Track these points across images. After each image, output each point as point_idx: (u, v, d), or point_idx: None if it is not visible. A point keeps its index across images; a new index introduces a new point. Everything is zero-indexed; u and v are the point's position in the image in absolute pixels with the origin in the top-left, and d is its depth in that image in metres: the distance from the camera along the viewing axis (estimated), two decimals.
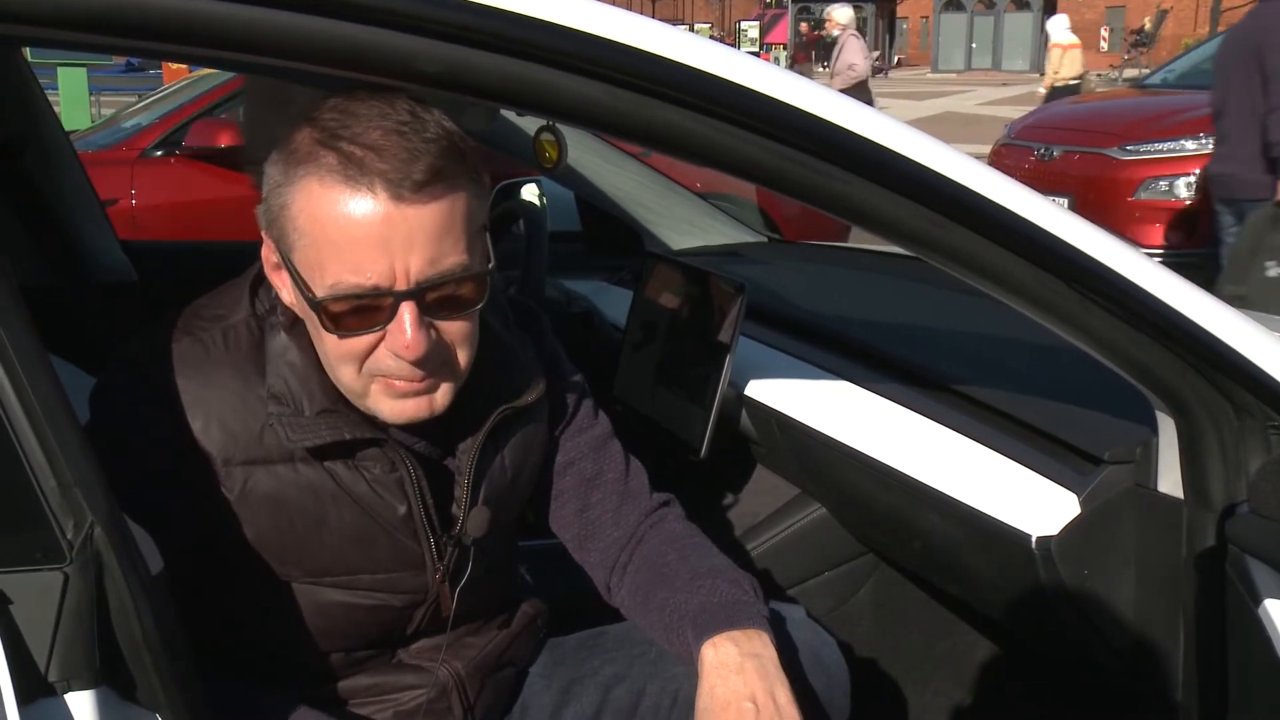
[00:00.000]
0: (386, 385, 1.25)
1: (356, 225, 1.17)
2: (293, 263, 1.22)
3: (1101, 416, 1.57)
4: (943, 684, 2.29)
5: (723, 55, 1.14)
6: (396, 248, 1.17)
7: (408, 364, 1.22)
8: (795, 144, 1.16)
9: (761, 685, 1.31)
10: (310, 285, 1.21)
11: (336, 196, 1.17)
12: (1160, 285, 1.26)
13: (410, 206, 1.17)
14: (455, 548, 1.39)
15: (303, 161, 1.19)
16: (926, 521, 1.75)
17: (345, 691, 1.42)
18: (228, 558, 1.31)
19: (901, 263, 2.68)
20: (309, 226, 1.19)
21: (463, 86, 1.11)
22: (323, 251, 1.19)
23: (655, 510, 1.57)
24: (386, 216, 1.17)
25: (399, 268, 1.18)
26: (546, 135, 2.17)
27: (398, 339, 1.20)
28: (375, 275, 1.18)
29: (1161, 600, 1.44)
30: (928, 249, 1.24)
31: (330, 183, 1.17)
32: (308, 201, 1.19)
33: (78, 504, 0.96)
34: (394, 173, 1.16)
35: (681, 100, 1.12)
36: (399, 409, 1.27)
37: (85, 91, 11.88)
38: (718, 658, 1.35)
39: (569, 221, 3.20)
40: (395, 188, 1.16)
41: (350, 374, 1.25)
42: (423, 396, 1.27)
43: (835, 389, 1.97)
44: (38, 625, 0.94)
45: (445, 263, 1.20)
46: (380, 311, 1.20)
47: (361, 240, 1.17)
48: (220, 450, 1.28)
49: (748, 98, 1.14)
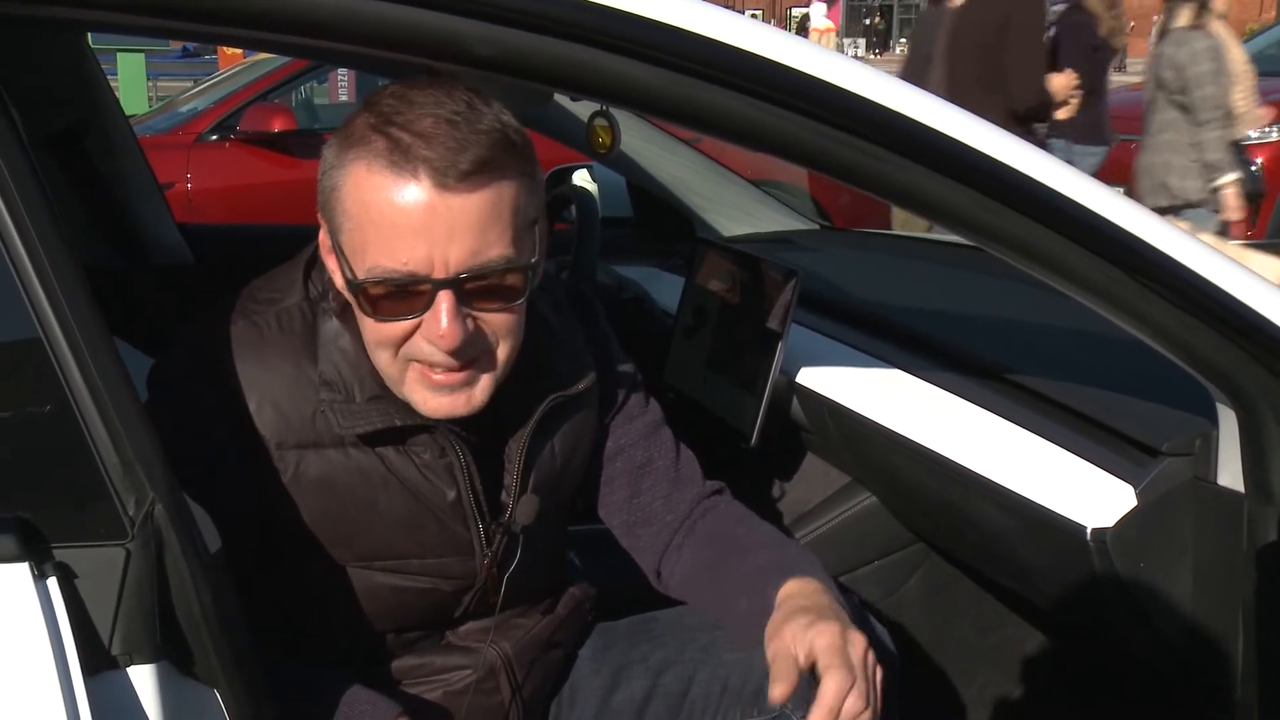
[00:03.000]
0: (423, 375, 1.26)
1: (398, 211, 1.18)
2: (340, 244, 1.24)
3: (1160, 407, 1.55)
4: (992, 676, 2.27)
5: (776, 39, 1.13)
6: (437, 236, 1.18)
7: (442, 353, 1.23)
8: (849, 128, 1.16)
9: (833, 607, 1.32)
10: (352, 267, 1.22)
11: (381, 181, 1.18)
12: (1221, 273, 1.24)
13: (455, 196, 1.17)
14: (504, 534, 1.39)
15: (355, 145, 1.20)
16: (979, 511, 1.73)
17: (395, 672, 1.43)
18: (280, 539, 1.33)
19: (955, 251, 2.65)
20: (354, 209, 1.21)
21: (517, 70, 1.11)
22: (365, 235, 1.20)
23: (709, 496, 1.57)
24: (429, 205, 1.17)
25: (438, 256, 1.18)
26: (600, 121, 2.17)
27: (433, 327, 1.21)
28: (413, 262, 1.19)
29: (1220, 595, 1.42)
30: (983, 236, 1.23)
31: (377, 167, 1.18)
32: (355, 185, 1.20)
33: (139, 481, 0.98)
34: (440, 161, 1.16)
35: (737, 84, 1.12)
36: (435, 404, 1.27)
37: (143, 76, 12.02)
38: (800, 588, 1.36)
39: (620, 207, 3.19)
40: (440, 176, 1.17)
41: (387, 358, 1.26)
42: (459, 392, 1.27)
43: (888, 377, 1.95)
44: (101, 599, 0.96)
45: (488, 254, 1.20)
46: (418, 298, 1.21)
47: (402, 226, 1.18)
48: (273, 433, 1.29)
49: (802, 81, 1.13)
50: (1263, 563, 1.35)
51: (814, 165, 1.20)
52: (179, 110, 6.96)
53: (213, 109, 6.45)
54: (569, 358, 1.45)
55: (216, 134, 6.22)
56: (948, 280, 2.53)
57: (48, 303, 0.97)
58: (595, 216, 2.55)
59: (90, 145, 2.51)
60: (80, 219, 2.59)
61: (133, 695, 0.97)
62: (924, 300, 2.31)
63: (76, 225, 2.56)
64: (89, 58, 2.52)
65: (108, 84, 2.63)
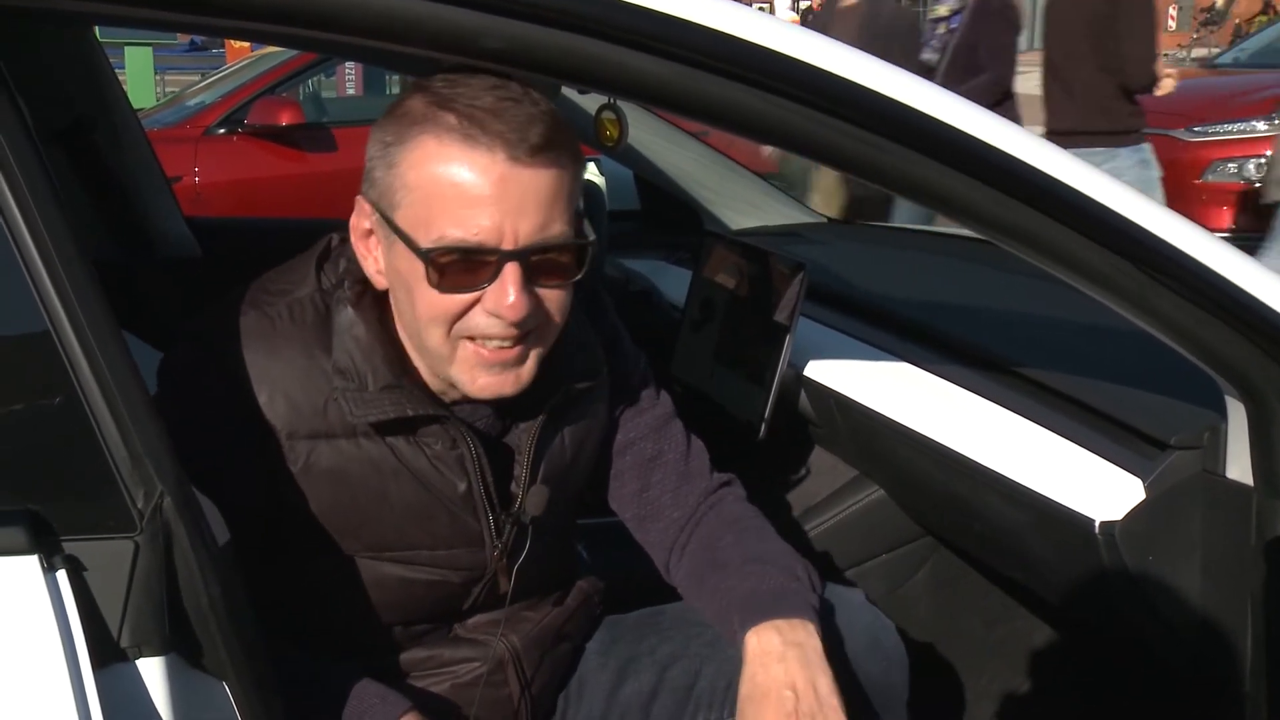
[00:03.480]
0: (475, 352, 1.26)
1: (472, 183, 1.19)
2: (394, 221, 1.24)
3: (1168, 401, 1.54)
4: (999, 669, 2.27)
5: (784, 31, 1.13)
6: (509, 208, 1.20)
7: (502, 325, 1.23)
8: (859, 121, 1.15)
9: (803, 674, 1.31)
10: (415, 240, 1.22)
11: (455, 154, 1.20)
12: (1230, 266, 1.24)
13: (526, 169, 1.20)
14: (514, 525, 1.40)
15: (418, 121, 1.22)
16: (987, 504, 1.73)
17: (404, 664, 1.43)
18: (290, 530, 1.33)
19: (962, 244, 2.65)
20: (420, 181, 1.22)
21: (526, 63, 1.11)
22: (432, 207, 1.21)
23: (715, 490, 1.57)
24: (502, 176, 1.19)
25: (509, 228, 1.20)
26: (608, 114, 2.16)
27: (500, 298, 1.22)
28: (483, 233, 1.20)
29: (1228, 589, 1.41)
30: (992, 229, 1.23)
31: (449, 140, 1.20)
32: (422, 157, 1.21)
33: (148, 474, 0.98)
34: (512, 134, 1.19)
35: (745, 77, 1.11)
36: (484, 381, 1.28)
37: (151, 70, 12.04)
38: (760, 646, 1.35)
39: (628, 200, 3.20)
40: (513, 149, 1.19)
41: (439, 336, 1.26)
42: (509, 371, 1.28)
43: (896, 370, 1.95)
44: (110, 592, 0.96)
45: (552, 229, 1.23)
46: (485, 269, 1.22)
47: (475, 198, 1.20)
48: (284, 423, 1.29)
49: (810, 74, 1.13)
50: (1271, 556, 1.34)
51: (822, 158, 1.20)
52: (187, 104, 6.97)
53: (220, 102, 6.46)
54: (579, 350, 1.45)
55: (224, 128, 6.23)
56: (955, 273, 2.52)
57: (56, 297, 0.97)
58: (602, 210, 2.55)
59: (98, 139, 2.51)
60: (88, 213, 2.59)
61: (142, 687, 0.97)
62: (932, 293, 2.30)
63: (84, 219, 2.57)
64: (97, 51, 2.52)
65: (115, 78, 2.63)
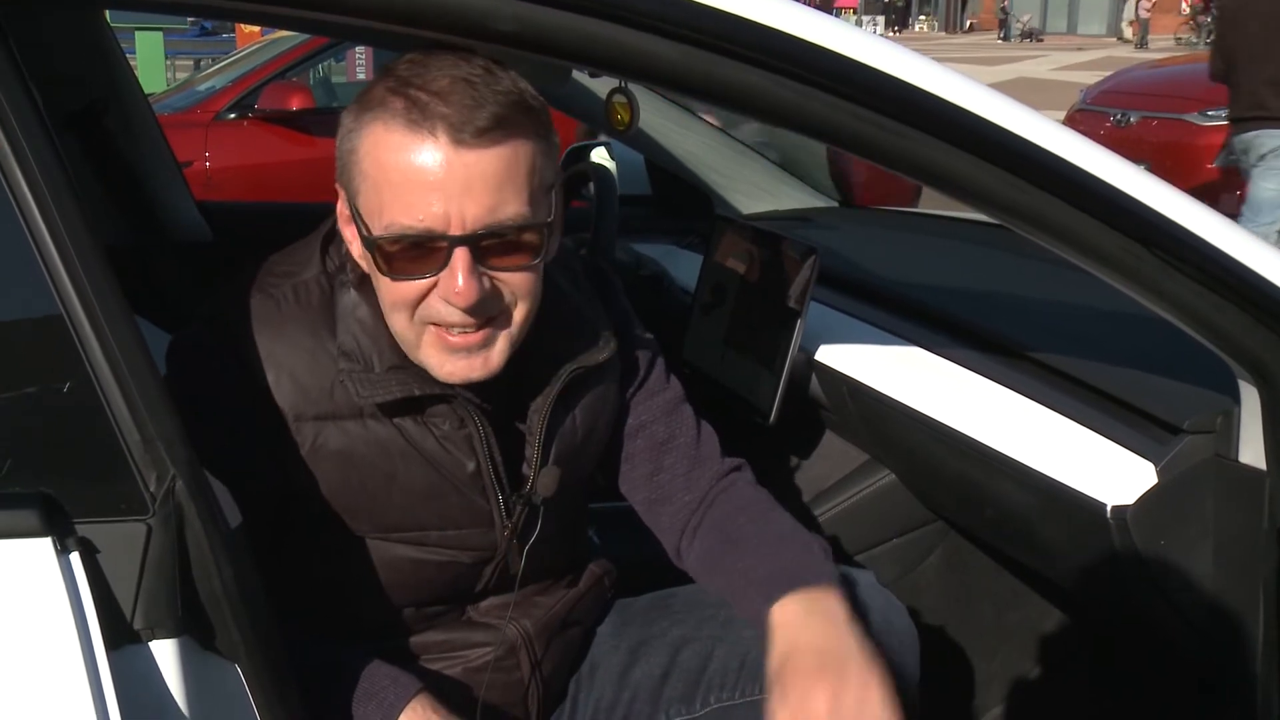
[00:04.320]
0: (439, 337, 1.26)
1: (415, 168, 1.19)
2: (357, 207, 1.24)
3: (1181, 385, 1.54)
4: (1010, 654, 2.27)
5: (798, 14, 1.12)
6: (453, 193, 1.19)
7: (459, 311, 1.23)
8: (871, 105, 1.15)
9: (830, 633, 1.31)
10: (369, 227, 1.22)
11: (399, 140, 1.19)
12: (1244, 250, 1.23)
13: (471, 152, 1.18)
14: (524, 506, 1.40)
15: (372, 107, 1.22)
16: (999, 489, 1.73)
17: (416, 647, 1.44)
18: (300, 512, 1.33)
19: (973, 228, 2.64)
20: (371, 169, 1.22)
21: (536, 45, 1.11)
22: (382, 194, 1.21)
23: (726, 474, 1.57)
24: (445, 161, 1.18)
25: (454, 213, 1.19)
26: (619, 97, 2.15)
27: (449, 284, 1.21)
28: (429, 219, 1.19)
29: (1240, 573, 1.41)
30: (1006, 213, 1.22)
31: (394, 126, 1.19)
32: (373, 145, 1.21)
33: (160, 457, 0.98)
34: (456, 118, 1.17)
35: (758, 60, 1.11)
36: (451, 367, 1.28)
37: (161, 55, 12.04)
38: (785, 617, 1.34)
39: (639, 185, 3.19)
40: (456, 132, 1.18)
41: (403, 321, 1.26)
42: (475, 355, 1.27)
43: (907, 355, 1.95)
44: (123, 574, 0.97)
45: (504, 211, 1.21)
46: (434, 255, 1.21)
47: (419, 184, 1.19)
48: (291, 406, 1.30)
49: (823, 57, 1.12)
50: None
51: (835, 141, 1.19)
52: (197, 89, 6.97)
53: (231, 87, 6.47)
54: (588, 330, 1.45)
55: (235, 112, 6.23)
56: (967, 257, 2.51)
57: (69, 281, 0.98)
58: (613, 194, 2.55)
59: (109, 124, 2.51)
60: (100, 197, 2.59)
61: (155, 669, 0.98)
62: (943, 277, 2.30)
63: (96, 204, 2.57)
64: (108, 36, 2.52)
65: (126, 62, 2.64)
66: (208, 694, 1.01)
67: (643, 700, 1.52)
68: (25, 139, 0.98)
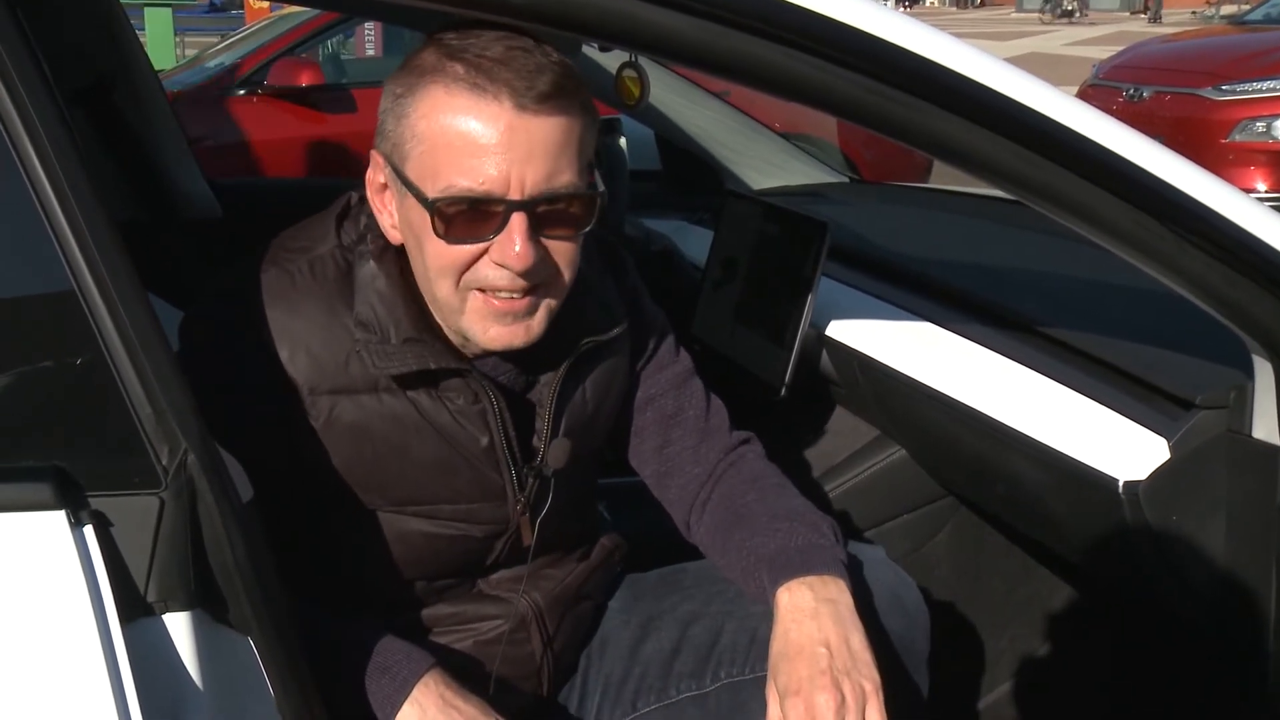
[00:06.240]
0: (485, 302, 1.26)
1: (479, 132, 1.19)
2: (404, 173, 1.24)
3: (1194, 360, 1.53)
4: (1021, 629, 2.27)
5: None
6: (516, 157, 1.20)
7: (509, 275, 1.23)
8: (885, 79, 1.14)
9: (836, 630, 1.31)
10: (423, 191, 1.22)
11: (461, 103, 1.20)
12: (1259, 224, 1.22)
13: (534, 118, 1.19)
14: (536, 479, 1.40)
15: (428, 73, 1.22)
16: (1010, 465, 1.72)
17: (427, 620, 1.45)
18: (313, 486, 1.34)
19: (984, 204, 2.63)
20: (429, 132, 1.22)
21: (548, 18, 1.11)
22: (439, 157, 1.21)
23: (735, 448, 1.57)
24: (510, 125, 1.19)
25: (515, 177, 1.20)
26: (629, 72, 2.15)
27: (506, 248, 1.22)
28: (490, 182, 1.20)
29: (1253, 549, 1.41)
30: (1019, 187, 1.22)
31: (456, 90, 1.20)
32: (431, 107, 1.21)
33: (172, 431, 0.98)
34: (519, 82, 1.18)
35: (770, 34, 1.10)
36: (495, 332, 1.28)
37: (170, 31, 12.04)
38: (792, 602, 1.35)
39: (649, 160, 3.18)
40: (520, 97, 1.19)
41: (448, 287, 1.26)
42: (519, 322, 1.28)
43: (918, 330, 1.94)
44: (136, 547, 0.97)
45: (560, 179, 1.22)
46: (491, 220, 1.22)
47: (482, 147, 1.20)
48: (306, 379, 1.30)
49: (837, 31, 1.12)
50: None
51: (847, 115, 1.19)
52: (206, 65, 6.96)
53: (240, 63, 6.45)
54: (599, 304, 1.45)
55: (244, 88, 6.22)
56: (978, 233, 2.50)
57: (81, 257, 0.98)
58: (623, 169, 2.54)
59: (119, 100, 2.51)
60: (111, 174, 2.60)
61: (168, 642, 0.98)
62: (954, 253, 2.29)
63: (108, 180, 2.57)
64: (117, 12, 2.52)
65: (136, 38, 2.63)
66: (221, 667, 1.01)
67: (653, 675, 1.53)
68: (36, 114, 0.98)
